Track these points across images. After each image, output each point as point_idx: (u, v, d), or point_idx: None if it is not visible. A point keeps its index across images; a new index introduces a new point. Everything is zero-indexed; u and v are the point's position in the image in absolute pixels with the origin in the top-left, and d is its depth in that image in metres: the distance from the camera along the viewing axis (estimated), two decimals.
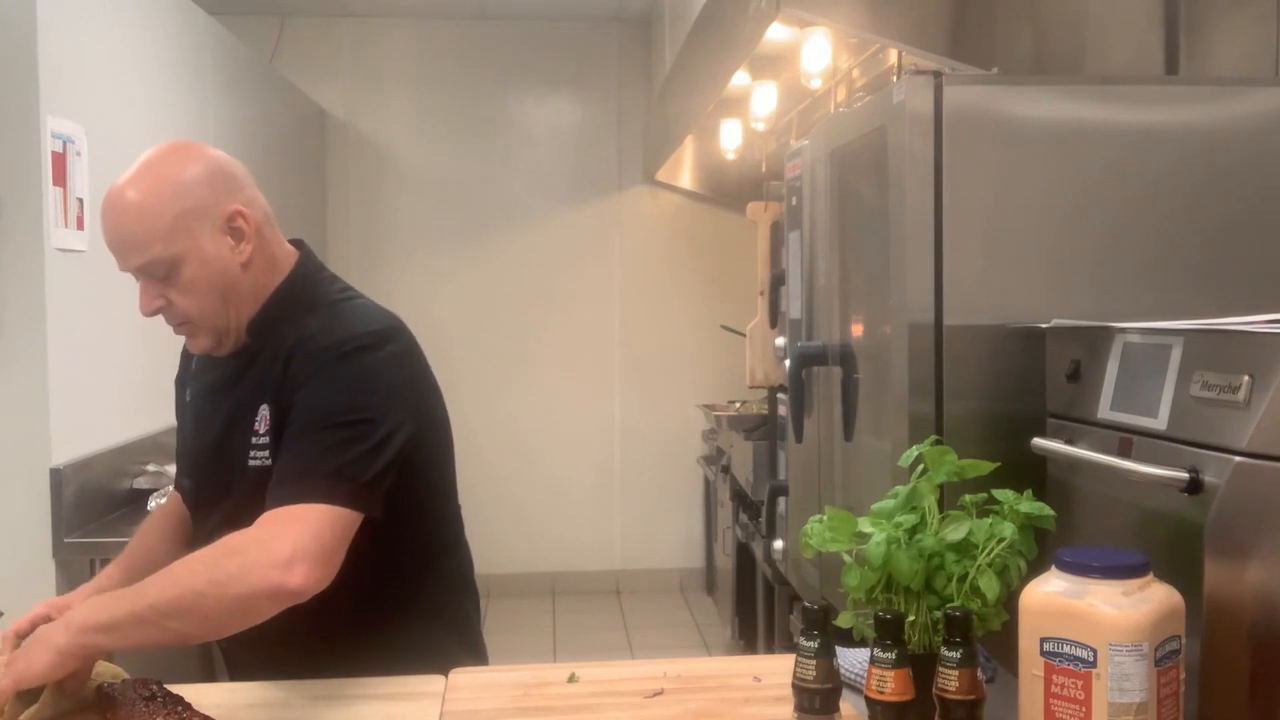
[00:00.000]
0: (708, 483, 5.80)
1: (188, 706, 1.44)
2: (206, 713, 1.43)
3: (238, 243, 1.64)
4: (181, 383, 1.87)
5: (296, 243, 1.79)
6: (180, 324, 1.65)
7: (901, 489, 1.48)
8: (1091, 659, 1.21)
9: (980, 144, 2.06)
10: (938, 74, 2.05)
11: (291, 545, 1.43)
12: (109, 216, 1.60)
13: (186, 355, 1.86)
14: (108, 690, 1.47)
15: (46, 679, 1.41)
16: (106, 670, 1.54)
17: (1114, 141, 2.08)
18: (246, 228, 1.65)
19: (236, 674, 1.80)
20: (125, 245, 1.59)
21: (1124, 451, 1.59)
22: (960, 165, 2.04)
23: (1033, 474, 1.74)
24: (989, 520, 1.40)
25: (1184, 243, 2.08)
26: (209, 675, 3.78)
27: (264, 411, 1.62)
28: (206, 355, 1.72)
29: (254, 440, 1.62)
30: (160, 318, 1.69)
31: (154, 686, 1.47)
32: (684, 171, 5.99)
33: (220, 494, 1.68)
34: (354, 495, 1.50)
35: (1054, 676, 1.24)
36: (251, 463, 1.62)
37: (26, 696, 1.45)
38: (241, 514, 1.56)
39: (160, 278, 1.59)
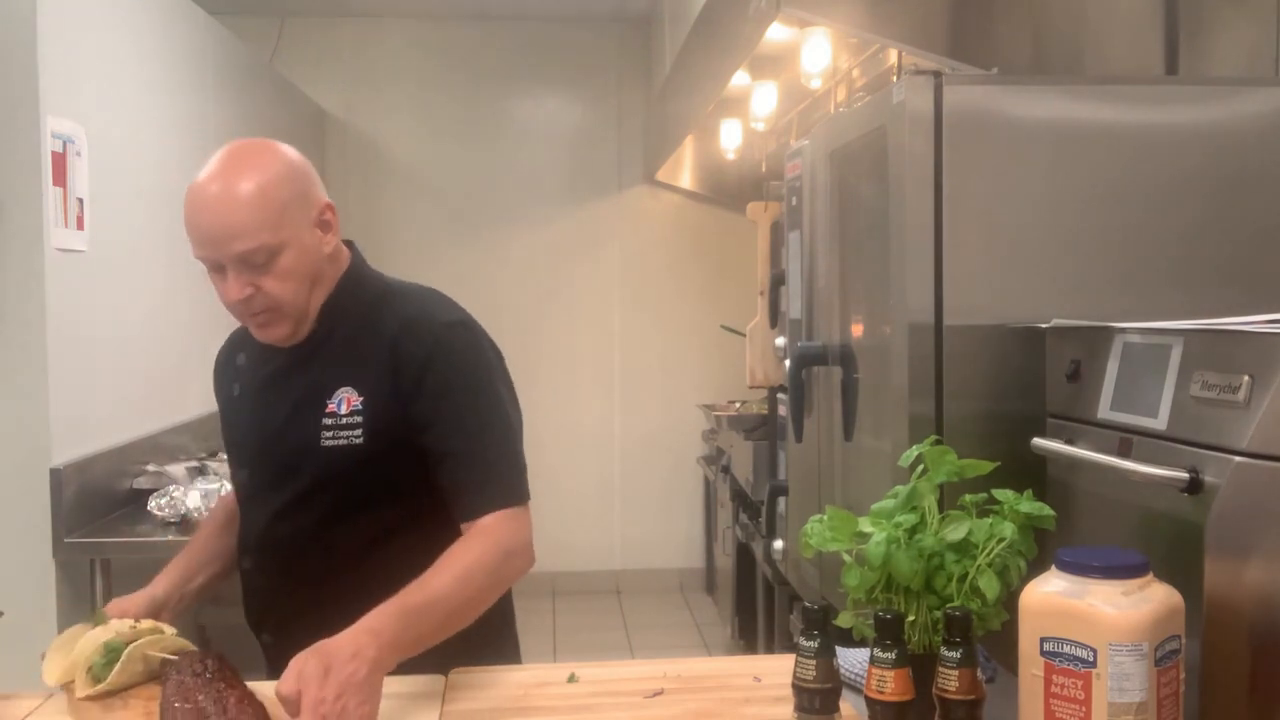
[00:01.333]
0: (708, 483, 5.80)
1: (233, 684, 1.44)
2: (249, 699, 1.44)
3: (325, 234, 1.70)
4: (227, 380, 1.88)
5: (346, 242, 1.85)
6: (262, 312, 1.66)
7: (901, 489, 1.48)
8: (1091, 659, 1.21)
9: (980, 144, 2.06)
10: (938, 74, 2.05)
11: (528, 540, 1.65)
12: (213, 205, 1.61)
13: (229, 354, 1.89)
14: (169, 663, 1.49)
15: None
16: (173, 643, 1.54)
17: (1114, 141, 2.08)
18: (334, 221, 1.72)
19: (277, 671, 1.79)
20: (229, 233, 1.60)
21: (1124, 451, 1.59)
22: (960, 165, 2.04)
23: (1033, 474, 1.74)
24: (989, 520, 1.40)
25: (1184, 242, 2.08)
26: None
27: (344, 394, 1.68)
28: (259, 349, 1.76)
29: (329, 421, 1.68)
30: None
31: (209, 662, 1.47)
32: (684, 171, 5.99)
33: (287, 477, 1.73)
34: (525, 488, 1.70)
35: (1054, 676, 1.24)
36: (329, 443, 1.67)
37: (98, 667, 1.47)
38: (316, 493, 1.69)
39: (257, 265, 1.61)
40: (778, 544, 3.26)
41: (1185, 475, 1.42)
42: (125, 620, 1.58)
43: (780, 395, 3.30)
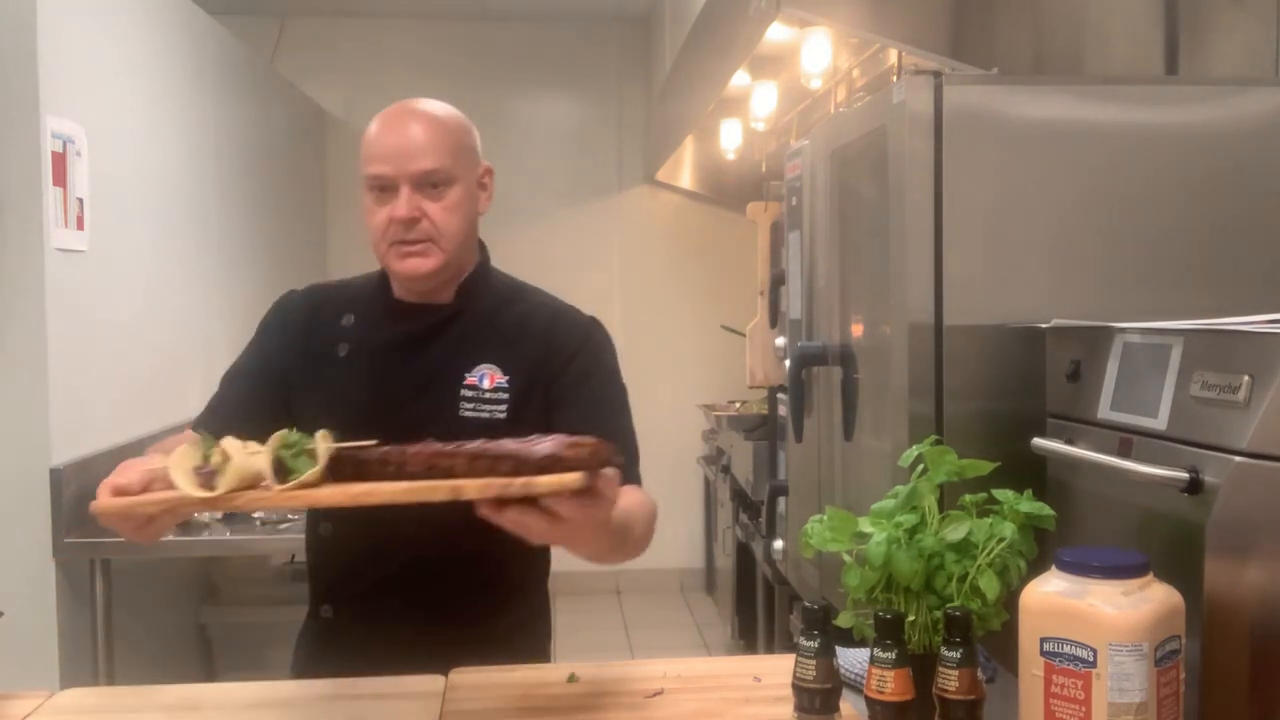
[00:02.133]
0: (708, 483, 5.81)
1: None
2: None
3: (482, 194, 1.79)
4: (328, 338, 1.79)
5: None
6: (422, 241, 1.68)
7: (901, 489, 1.48)
8: (1091, 659, 1.21)
9: (980, 144, 2.06)
10: (938, 74, 2.05)
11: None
12: (408, 119, 1.70)
13: (331, 312, 1.81)
14: (351, 453, 1.36)
15: None
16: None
17: (1114, 141, 2.08)
18: (490, 187, 1.81)
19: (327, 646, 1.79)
20: (420, 148, 1.67)
21: (1124, 451, 1.59)
22: (960, 165, 2.04)
23: (1033, 474, 1.74)
24: (989, 520, 1.40)
25: (1184, 242, 2.08)
26: (209, 675, 3.79)
27: (486, 370, 1.73)
28: (378, 312, 1.77)
29: (469, 394, 1.71)
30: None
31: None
32: (684, 171, 5.99)
33: (405, 440, 1.69)
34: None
35: (1054, 676, 1.24)
36: (467, 413, 1.70)
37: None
38: None
39: (431, 188, 1.68)
40: (778, 544, 3.26)
41: (1185, 475, 1.42)
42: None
43: (780, 395, 3.30)
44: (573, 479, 1.26)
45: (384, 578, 1.74)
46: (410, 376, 1.74)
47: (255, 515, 3.14)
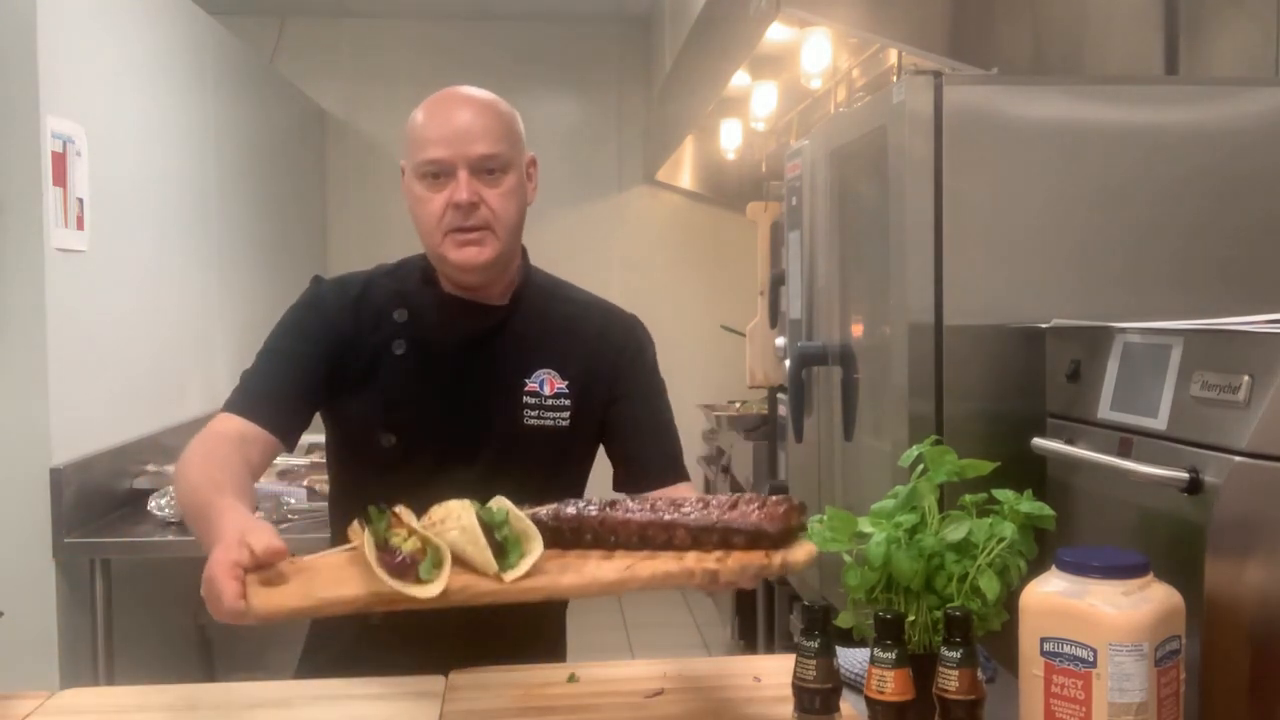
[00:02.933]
0: (708, 483, 5.80)
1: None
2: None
3: (529, 184, 1.77)
4: (382, 333, 1.73)
5: None
6: (480, 228, 1.66)
7: (901, 489, 1.47)
8: (1091, 659, 1.21)
9: (980, 144, 2.06)
10: (938, 74, 2.05)
11: None
12: (462, 104, 1.70)
13: (381, 304, 1.74)
14: (537, 519, 1.32)
15: None
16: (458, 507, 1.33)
17: (1114, 141, 2.08)
18: (535, 176, 1.79)
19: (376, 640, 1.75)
20: (478, 131, 1.66)
21: (1124, 451, 1.59)
22: (960, 165, 2.04)
23: (1033, 474, 1.74)
24: (989, 520, 1.40)
25: (1184, 242, 2.08)
26: (209, 675, 3.79)
27: (545, 375, 1.73)
28: (433, 311, 1.72)
29: (531, 401, 1.72)
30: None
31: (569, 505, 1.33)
32: (684, 171, 5.99)
33: (468, 451, 1.71)
34: None
35: (1054, 676, 1.24)
36: (532, 422, 1.71)
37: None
38: (502, 472, 1.67)
39: (488, 173, 1.66)
40: None
41: (1185, 475, 1.42)
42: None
43: (780, 395, 3.30)
44: (814, 551, 1.30)
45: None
46: (472, 380, 1.72)
47: (255, 515, 3.14)
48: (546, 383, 1.72)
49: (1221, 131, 2.10)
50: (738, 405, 5.43)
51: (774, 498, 1.34)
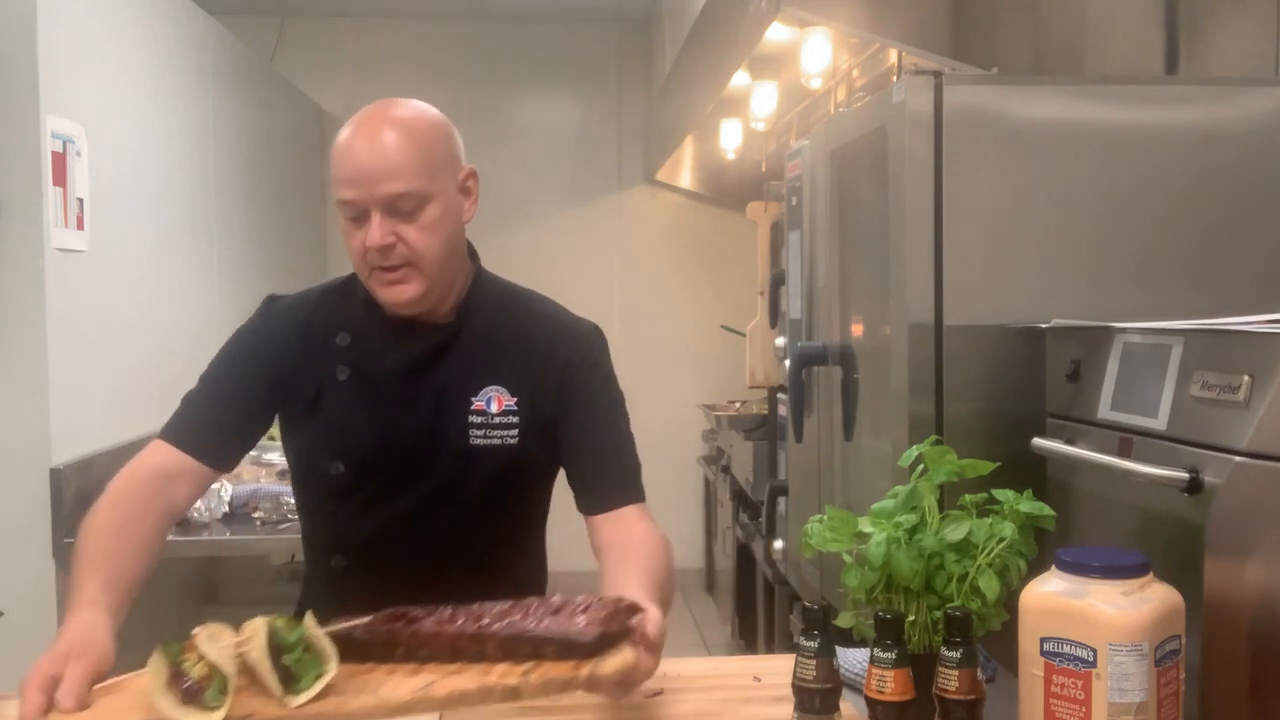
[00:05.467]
0: (708, 483, 5.80)
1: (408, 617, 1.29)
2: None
3: (466, 200, 1.68)
4: (324, 360, 1.68)
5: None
6: (400, 266, 1.58)
7: (901, 489, 1.48)
8: (1091, 659, 1.21)
9: (980, 144, 2.06)
10: (938, 74, 2.05)
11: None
12: (375, 139, 1.58)
13: (323, 331, 1.70)
14: (346, 634, 1.27)
15: None
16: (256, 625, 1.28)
17: (1114, 141, 2.08)
18: (474, 190, 1.70)
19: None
20: (386, 171, 1.56)
21: (1124, 451, 1.59)
22: (960, 165, 2.04)
23: (1033, 474, 1.74)
24: (989, 520, 1.40)
25: (1184, 242, 2.08)
26: None
27: (493, 393, 1.67)
28: (376, 333, 1.67)
29: (477, 420, 1.65)
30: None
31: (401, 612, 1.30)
32: (684, 171, 5.99)
33: (417, 476, 1.66)
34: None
35: (1054, 676, 1.24)
36: (479, 442, 1.65)
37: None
38: (453, 494, 1.65)
39: (405, 212, 1.57)
40: (778, 544, 3.26)
41: (1185, 475, 1.42)
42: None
43: (780, 395, 3.30)
44: (629, 661, 1.24)
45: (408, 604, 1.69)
46: (416, 404, 1.66)
47: (255, 515, 3.14)
48: (494, 400, 1.66)
49: (1221, 131, 2.09)
50: (738, 405, 5.43)
51: (600, 601, 1.29)
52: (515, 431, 1.66)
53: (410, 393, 1.66)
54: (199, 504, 3.06)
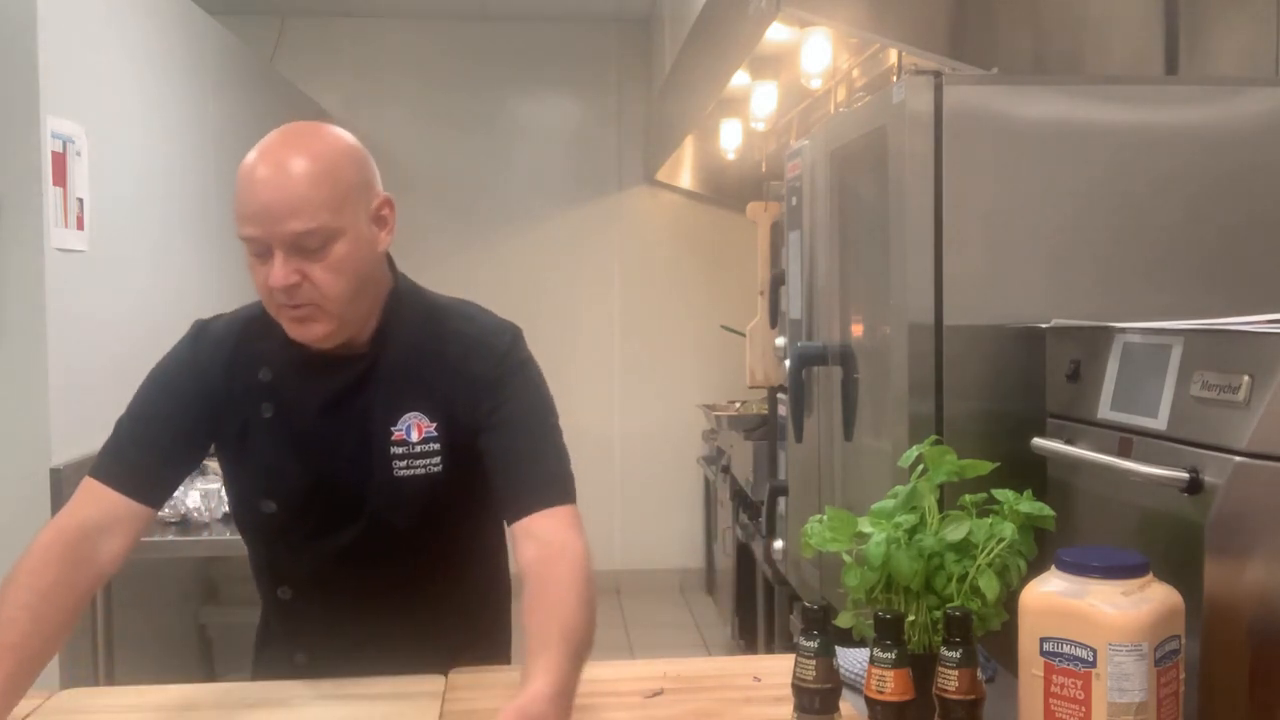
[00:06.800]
0: (708, 483, 5.80)
1: None
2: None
3: (380, 230, 1.59)
4: (249, 398, 1.63)
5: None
6: (304, 305, 1.51)
7: (901, 489, 1.48)
8: (1091, 659, 1.21)
9: (980, 144, 2.06)
10: (938, 74, 2.05)
11: (585, 539, 1.56)
12: (272, 180, 1.47)
13: (245, 366, 1.64)
14: None
15: None
16: None
17: (1114, 141, 2.08)
18: (391, 219, 1.61)
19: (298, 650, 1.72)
20: (287, 209, 1.46)
21: (1124, 451, 1.59)
22: (960, 165, 2.04)
23: (1033, 474, 1.74)
24: (989, 520, 1.40)
25: (1184, 242, 2.08)
26: (209, 675, 3.79)
27: (412, 420, 1.60)
28: (295, 367, 1.61)
29: (399, 450, 1.59)
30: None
31: None
32: (684, 171, 5.99)
33: (349, 510, 1.62)
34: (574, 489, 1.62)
35: (1054, 676, 1.24)
36: (403, 473, 1.59)
37: None
38: (385, 525, 1.61)
39: (310, 250, 1.48)
40: (778, 544, 3.26)
41: (1185, 475, 1.42)
42: None
43: (780, 395, 3.29)
44: None
45: (360, 629, 1.66)
46: (340, 440, 1.60)
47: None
48: (414, 428, 1.60)
49: (1222, 131, 2.10)
50: (738, 405, 5.43)
51: None
52: (437, 459, 1.60)
53: (333, 429, 1.60)
54: (199, 504, 3.06)
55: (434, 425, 1.60)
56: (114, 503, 1.61)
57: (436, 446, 1.60)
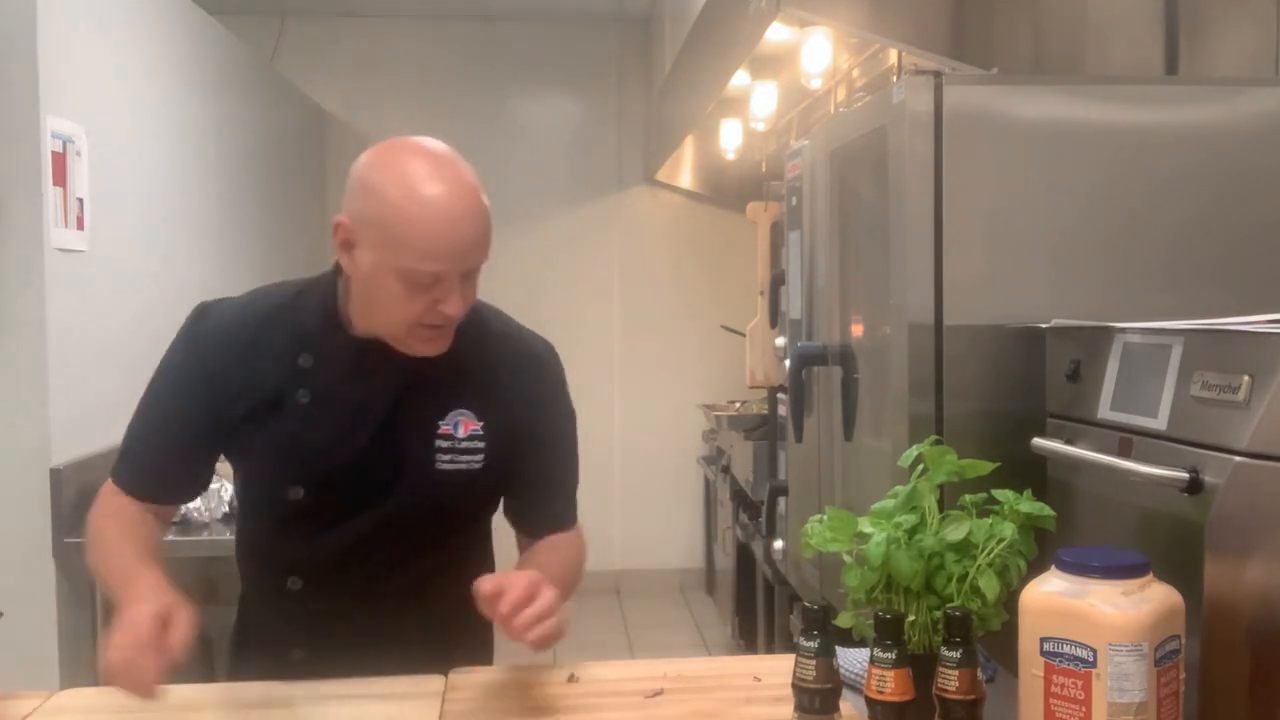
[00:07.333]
0: (708, 483, 5.80)
1: None
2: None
3: None
4: (285, 382, 1.63)
5: None
6: (444, 323, 1.56)
7: (901, 489, 1.48)
8: (1091, 659, 1.21)
9: (980, 144, 2.06)
10: (938, 74, 2.05)
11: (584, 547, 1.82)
12: (470, 217, 1.54)
13: (285, 350, 1.63)
14: None
15: None
16: None
17: (1114, 141, 2.08)
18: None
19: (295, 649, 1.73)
20: (479, 245, 1.55)
21: (1124, 451, 1.59)
22: (960, 165, 2.04)
23: (1033, 474, 1.74)
24: (989, 520, 1.40)
25: (1184, 242, 2.08)
26: (209, 675, 3.79)
27: (460, 417, 1.65)
28: (335, 356, 1.62)
29: (444, 444, 1.64)
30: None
31: None
32: (684, 171, 5.99)
33: (379, 500, 1.64)
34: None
35: (1054, 676, 1.24)
36: (445, 466, 1.64)
37: None
38: (416, 517, 1.65)
39: (472, 277, 1.57)
40: (778, 544, 3.26)
41: (1185, 475, 1.42)
42: None
43: (780, 395, 3.29)
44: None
45: (365, 626, 1.69)
46: (384, 430, 1.62)
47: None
48: (461, 425, 1.64)
49: (1221, 131, 2.10)
50: (738, 405, 5.43)
51: None
52: (481, 456, 1.65)
53: (377, 420, 1.62)
54: (199, 504, 3.06)
55: (481, 425, 1.65)
56: (141, 508, 1.70)
57: (481, 445, 1.65)
